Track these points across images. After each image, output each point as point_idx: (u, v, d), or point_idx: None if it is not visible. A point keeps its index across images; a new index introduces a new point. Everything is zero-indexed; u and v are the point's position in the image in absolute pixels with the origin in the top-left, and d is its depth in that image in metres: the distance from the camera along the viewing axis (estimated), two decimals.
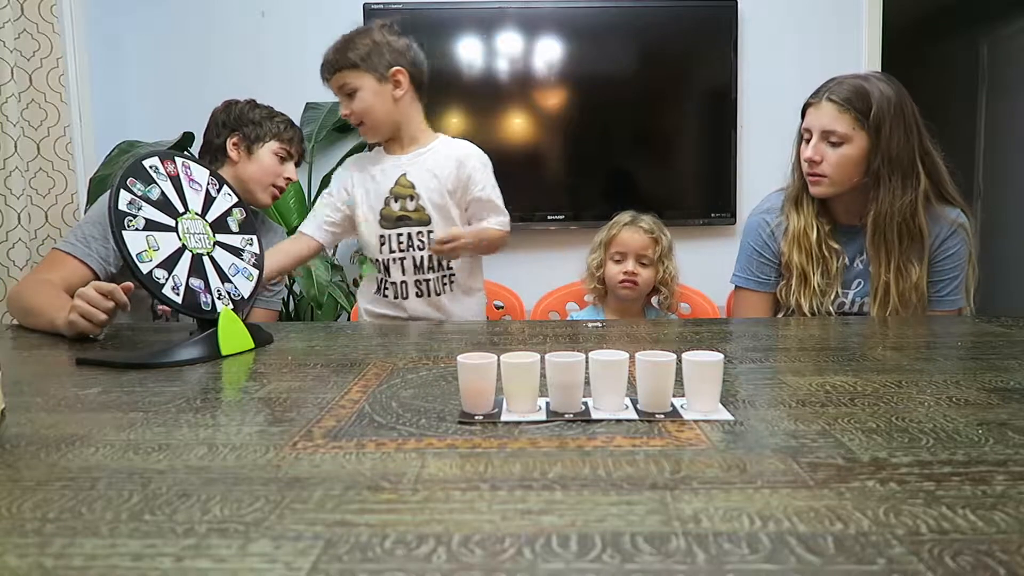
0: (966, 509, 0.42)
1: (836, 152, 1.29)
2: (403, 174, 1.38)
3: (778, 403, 0.66)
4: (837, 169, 1.30)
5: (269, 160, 1.54)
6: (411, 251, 1.37)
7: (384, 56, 1.35)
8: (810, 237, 1.35)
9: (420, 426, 0.61)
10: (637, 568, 0.36)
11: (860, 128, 1.27)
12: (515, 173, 2.62)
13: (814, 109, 1.33)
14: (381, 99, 1.36)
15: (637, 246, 1.61)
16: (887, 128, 1.26)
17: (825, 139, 1.30)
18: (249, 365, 0.90)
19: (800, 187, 1.38)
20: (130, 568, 0.37)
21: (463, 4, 2.54)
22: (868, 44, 2.56)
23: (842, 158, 1.29)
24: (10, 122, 2.00)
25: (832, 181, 1.31)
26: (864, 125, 1.27)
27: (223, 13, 2.59)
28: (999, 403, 0.65)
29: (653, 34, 2.56)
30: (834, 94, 1.29)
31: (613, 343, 1.02)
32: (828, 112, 1.29)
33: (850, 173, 1.30)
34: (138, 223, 0.94)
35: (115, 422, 0.63)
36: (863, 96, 1.27)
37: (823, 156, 1.30)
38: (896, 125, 1.26)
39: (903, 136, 1.27)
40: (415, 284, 1.38)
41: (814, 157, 1.31)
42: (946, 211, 1.33)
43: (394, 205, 1.37)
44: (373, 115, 1.37)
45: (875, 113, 1.26)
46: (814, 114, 1.32)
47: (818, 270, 1.35)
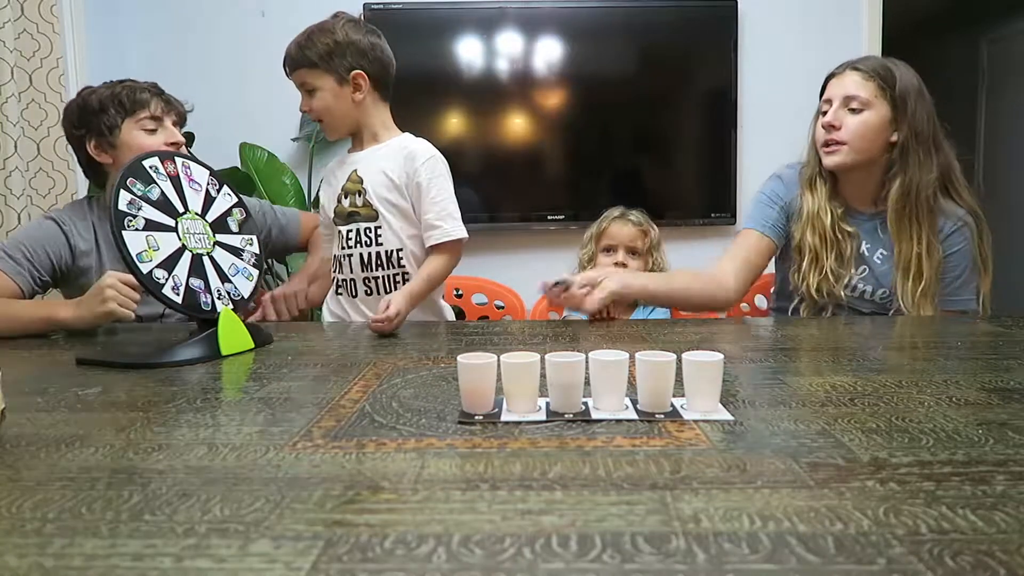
0: (966, 509, 0.42)
1: (856, 118, 1.27)
2: (354, 170, 1.36)
3: (778, 403, 0.66)
4: (856, 136, 1.27)
5: (136, 141, 1.35)
6: (359, 247, 1.34)
7: (345, 57, 1.31)
8: (824, 220, 1.33)
9: (420, 426, 0.61)
10: (637, 568, 0.36)
11: (883, 97, 1.26)
12: (515, 173, 2.63)
13: (837, 79, 1.31)
14: (340, 100, 1.33)
15: (626, 238, 1.67)
16: (912, 102, 1.25)
17: (846, 105, 1.28)
18: (249, 365, 0.90)
19: (815, 167, 1.36)
20: (130, 568, 0.37)
21: (463, 4, 2.54)
22: (868, 44, 2.56)
23: (862, 124, 1.26)
24: (10, 122, 2.00)
25: (851, 148, 1.28)
26: (887, 95, 1.26)
27: (223, 13, 2.59)
28: (999, 403, 0.65)
29: (653, 34, 2.56)
30: (859, 63, 1.30)
31: (613, 343, 1.02)
32: (852, 79, 1.28)
33: (869, 141, 1.27)
34: (138, 223, 0.94)
35: (115, 422, 0.63)
36: (888, 69, 1.27)
37: (842, 122, 1.28)
38: (921, 103, 1.26)
39: (926, 116, 1.27)
40: (363, 282, 1.35)
41: (833, 122, 1.28)
42: (952, 207, 1.31)
43: (345, 201, 1.36)
44: (331, 115, 1.34)
45: (901, 86, 1.25)
46: (836, 83, 1.31)
47: (832, 253, 1.33)
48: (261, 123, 2.58)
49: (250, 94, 2.60)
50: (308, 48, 1.32)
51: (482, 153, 2.60)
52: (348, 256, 1.36)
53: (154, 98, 1.38)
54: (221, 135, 2.47)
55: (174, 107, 1.41)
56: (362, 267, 1.34)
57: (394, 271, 1.35)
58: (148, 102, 1.36)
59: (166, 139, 1.36)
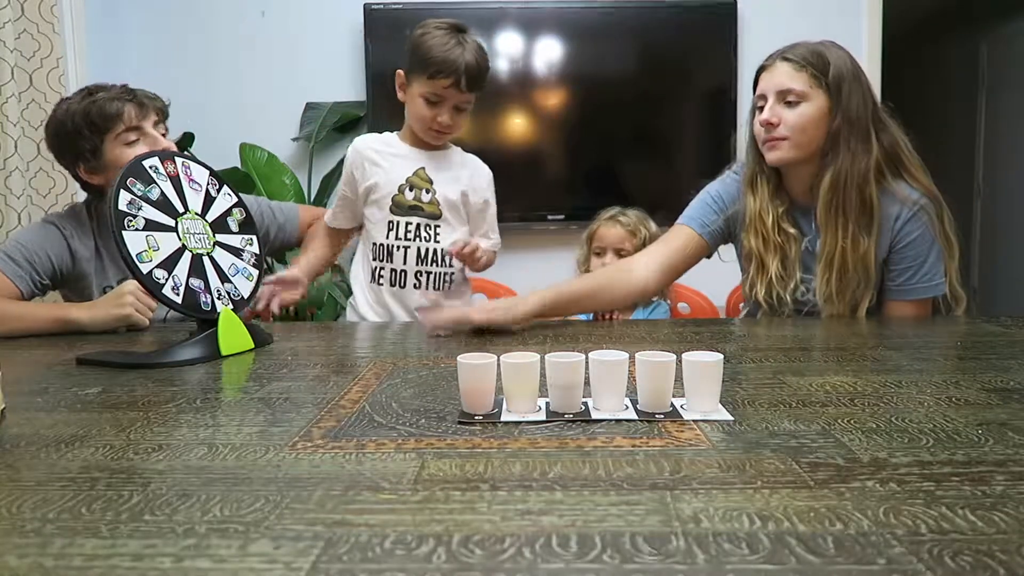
0: (966, 509, 0.42)
1: (794, 112, 1.20)
2: (422, 167, 1.40)
3: (778, 403, 0.66)
4: (796, 130, 1.21)
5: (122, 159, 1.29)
6: (417, 241, 1.39)
7: None
8: (765, 221, 1.27)
9: (420, 426, 0.61)
10: (637, 568, 0.36)
11: (818, 87, 1.20)
12: (515, 173, 2.62)
13: (767, 72, 1.25)
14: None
15: (614, 240, 1.69)
16: (847, 88, 1.19)
17: (781, 100, 1.22)
18: (249, 365, 0.90)
19: (754, 166, 1.30)
20: (130, 568, 0.37)
21: (463, 4, 2.54)
22: (868, 44, 2.56)
23: (801, 117, 1.20)
24: (10, 122, 2.00)
25: (792, 143, 1.21)
26: (822, 83, 1.19)
27: (223, 13, 2.59)
28: (999, 403, 0.65)
29: (653, 34, 2.57)
30: (789, 53, 1.23)
31: (613, 343, 1.02)
32: (784, 71, 1.22)
33: (810, 135, 1.21)
34: (138, 223, 0.94)
35: (115, 422, 0.63)
36: (820, 55, 1.20)
37: (780, 118, 1.21)
38: (855, 87, 1.20)
39: (861, 100, 1.20)
40: (415, 275, 1.39)
41: (771, 119, 1.22)
42: (906, 191, 1.22)
43: (408, 194, 1.39)
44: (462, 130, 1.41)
45: (834, 73, 1.19)
46: (768, 77, 1.24)
47: (775, 257, 1.26)
48: (261, 123, 2.59)
49: (250, 94, 2.60)
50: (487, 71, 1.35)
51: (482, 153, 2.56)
52: (404, 248, 1.39)
53: (126, 105, 1.31)
54: (221, 135, 2.47)
55: (150, 107, 1.33)
56: (417, 260, 1.39)
57: (446, 269, 1.41)
58: (121, 113, 1.30)
59: (149, 147, 1.30)
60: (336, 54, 2.59)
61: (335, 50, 2.58)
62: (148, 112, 1.33)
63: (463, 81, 1.29)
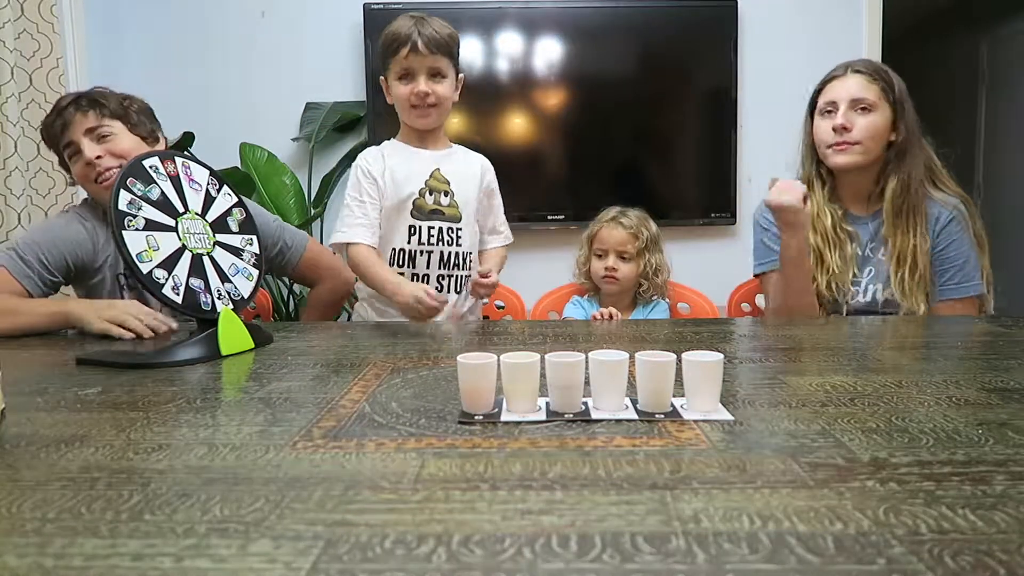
0: (966, 509, 0.42)
1: (866, 119, 1.33)
2: (437, 168, 1.40)
3: (778, 403, 0.66)
4: (868, 136, 1.33)
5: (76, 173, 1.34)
6: (440, 245, 1.39)
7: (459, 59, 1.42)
8: (824, 222, 1.38)
9: (420, 426, 0.61)
10: (637, 568, 0.36)
11: (885, 100, 1.33)
12: (515, 173, 2.62)
13: (839, 81, 1.37)
14: (452, 93, 1.40)
15: (615, 242, 1.67)
16: (907, 103, 1.34)
17: (854, 108, 1.34)
18: (249, 365, 0.90)
19: (812, 171, 1.41)
20: (130, 568, 0.37)
21: (463, 4, 2.54)
22: (868, 44, 2.56)
23: (871, 125, 1.33)
24: (10, 122, 2.00)
25: (864, 148, 1.34)
26: (888, 97, 1.33)
27: (223, 13, 2.59)
28: (999, 403, 0.65)
29: (653, 34, 2.56)
30: (860, 66, 1.36)
31: (613, 343, 1.02)
32: (857, 82, 1.34)
33: (877, 142, 1.34)
34: (138, 223, 0.94)
35: (115, 422, 0.63)
36: (886, 72, 1.35)
37: (853, 123, 1.33)
38: (910, 104, 1.34)
39: (914, 114, 1.35)
40: (438, 279, 1.38)
41: (846, 124, 1.33)
42: (944, 197, 1.36)
43: (428, 198, 1.38)
44: (446, 104, 1.39)
45: (899, 89, 1.34)
46: (840, 85, 1.36)
47: (835, 252, 1.37)
48: (261, 123, 2.59)
49: (250, 94, 2.60)
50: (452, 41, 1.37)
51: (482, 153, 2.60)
52: (427, 252, 1.39)
53: (56, 120, 1.30)
54: (221, 135, 2.47)
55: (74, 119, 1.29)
56: (440, 264, 1.39)
57: (466, 272, 1.42)
58: (56, 128, 1.30)
59: (83, 162, 1.30)
60: (336, 54, 2.58)
61: (335, 50, 2.58)
62: (71, 124, 1.30)
63: (419, 43, 1.30)
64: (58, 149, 1.34)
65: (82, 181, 1.34)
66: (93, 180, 1.32)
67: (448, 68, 1.36)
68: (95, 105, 1.31)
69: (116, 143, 1.31)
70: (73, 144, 1.31)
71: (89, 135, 1.30)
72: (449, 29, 1.36)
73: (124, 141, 1.33)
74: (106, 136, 1.31)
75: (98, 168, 1.30)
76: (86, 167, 1.31)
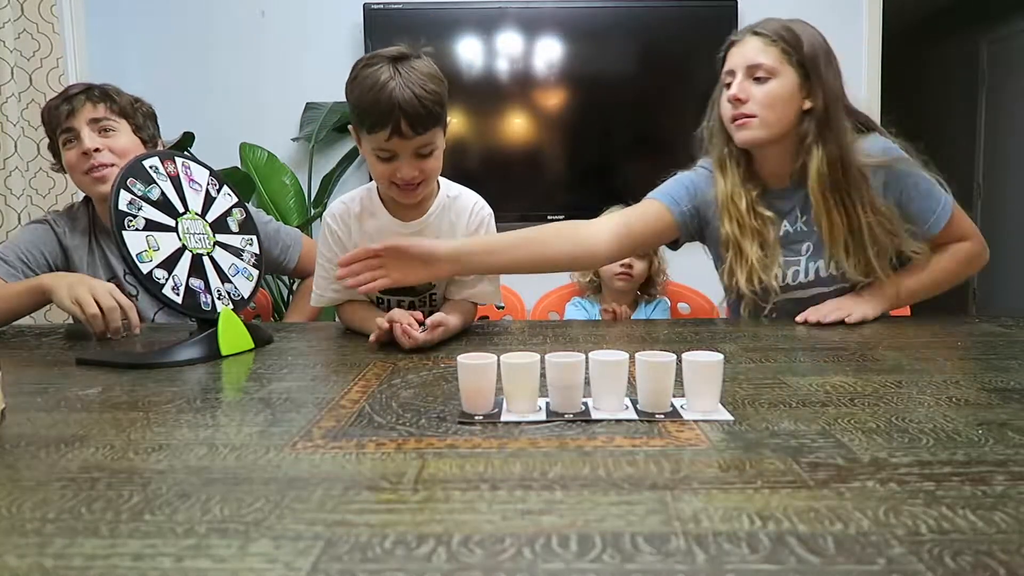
0: (966, 509, 0.42)
1: (763, 89, 1.15)
2: None
3: (778, 403, 0.66)
4: (766, 108, 1.15)
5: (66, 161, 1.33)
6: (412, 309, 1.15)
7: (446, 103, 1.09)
8: (739, 205, 1.20)
9: (420, 426, 0.61)
10: (637, 568, 0.36)
11: (788, 63, 1.14)
12: (515, 173, 2.63)
13: (737, 47, 1.19)
14: (442, 155, 1.10)
15: None
16: (823, 66, 1.14)
17: (750, 76, 1.16)
18: (249, 365, 0.90)
19: (723, 149, 1.23)
20: (130, 568, 0.37)
21: (463, 4, 2.54)
22: (868, 44, 2.56)
23: (769, 95, 1.14)
24: (10, 122, 2.00)
25: (762, 121, 1.15)
26: (792, 60, 1.14)
27: (223, 13, 2.59)
28: (999, 403, 0.65)
29: (653, 34, 2.56)
30: (760, 27, 1.17)
31: (613, 343, 1.02)
32: (753, 46, 1.16)
33: (779, 113, 1.15)
34: (138, 223, 0.94)
35: (115, 422, 0.63)
36: (791, 31, 1.15)
37: (748, 94, 1.15)
38: (830, 66, 1.16)
39: (835, 73, 1.16)
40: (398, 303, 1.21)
41: (739, 95, 1.15)
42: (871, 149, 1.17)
43: None
44: (435, 176, 1.12)
45: (808, 50, 1.14)
46: (737, 52, 1.19)
47: (754, 243, 1.19)
48: (261, 123, 2.59)
49: (250, 94, 2.60)
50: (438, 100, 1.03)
51: (482, 153, 2.61)
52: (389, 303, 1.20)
53: (60, 104, 1.29)
54: (221, 135, 2.47)
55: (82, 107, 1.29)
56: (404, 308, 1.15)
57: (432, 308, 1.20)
58: (58, 114, 1.29)
59: (79, 150, 1.29)
60: (336, 54, 2.58)
61: (335, 50, 2.58)
62: (78, 111, 1.29)
63: (402, 126, 1.00)
64: (54, 133, 1.33)
65: (72, 170, 1.32)
66: (84, 171, 1.30)
67: (438, 135, 1.06)
68: (107, 98, 1.32)
69: (116, 140, 1.31)
70: (73, 130, 1.30)
71: (92, 125, 1.30)
72: (434, 83, 1.02)
73: (125, 140, 1.32)
74: (109, 130, 1.31)
75: (93, 160, 1.29)
76: (82, 156, 1.29)
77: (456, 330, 1.06)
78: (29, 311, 1.21)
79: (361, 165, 2.63)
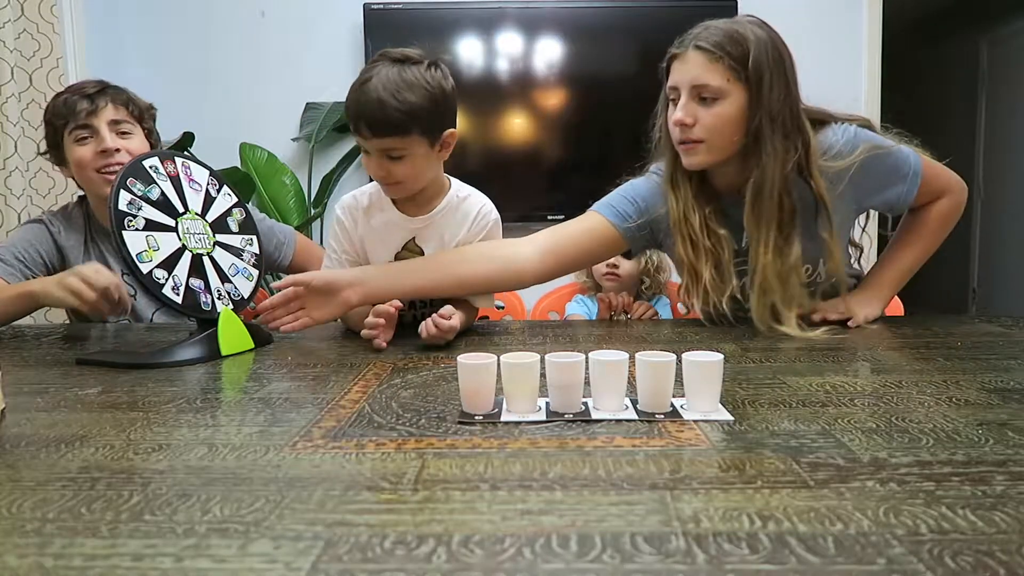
0: (966, 509, 0.42)
1: (710, 112, 1.04)
2: (413, 238, 1.20)
3: (778, 403, 0.66)
4: (714, 132, 1.05)
5: (74, 155, 1.31)
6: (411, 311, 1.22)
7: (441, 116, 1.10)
8: (692, 223, 1.11)
9: (420, 426, 0.61)
10: (637, 568, 0.36)
11: (736, 79, 1.03)
12: (515, 173, 2.63)
13: (679, 62, 1.08)
14: (427, 162, 1.11)
15: None
16: (768, 78, 1.03)
17: (695, 96, 1.05)
18: (249, 365, 0.90)
19: (673, 163, 1.14)
20: (130, 568, 0.37)
21: (463, 4, 2.54)
22: (868, 44, 2.56)
23: (718, 118, 1.04)
24: (10, 122, 2.00)
25: (710, 146, 1.07)
26: (740, 76, 1.03)
27: (223, 13, 2.59)
28: (999, 403, 0.65)
29: (653, 34, 2.55)
30: (702, 40, 1.05)
31: (613, 343, 1.02)
32: (697, 63, 1.04)
33: (729, 135, 1.06)
34: (138, 223, 0.94)
35: (115, 422, 0.63)
36: (737, 41, 1.03)
37: (695, 117, 1.05)
38: (777, 74, 1.04)
39: (783, 87, 1.05)
40: None
41: (684, 119, 1.06)
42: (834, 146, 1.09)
43: None
44: (415, 180, 1.12)
45: (754, 61, 1.02)
46: (680, 68, 1.07)
47: (708, 263, 1.11)
48: (261, 123, 2.59)
49: (250, 94, 2.60)
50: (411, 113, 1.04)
51: (482, 153, 2.61)
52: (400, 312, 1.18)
53: (80, 101, 1.29)
54: (221, 135, 2.47)
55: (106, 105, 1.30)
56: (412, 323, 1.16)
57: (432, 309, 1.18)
58: (74, 109, 1.29)
59: (96, 148, 1.29)
60: (336, 54, 2.58)
61: (335, 50, 2.58)
62: (100, 110, 1.30)
63: (362, 127, 1.04)
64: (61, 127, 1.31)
65: (82, 166, 1.31)
66: (97, 168, 1.30)
67: (408, 144, 1.06)
68: (129, 103, 1.34)
69: (131, 142, 1.33)
70: (91, 128, 1.30)
71: (112, 126, 1.31)
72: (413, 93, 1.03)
73: (138, 143, 1.34)
74: (126, 134, 1.33)
75: (111, 160, 1.30)
76: (99, 154, 1.29)
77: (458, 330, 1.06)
78: (18, 316, 1.20)
79: (361, 165, 2.63)
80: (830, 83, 2.59)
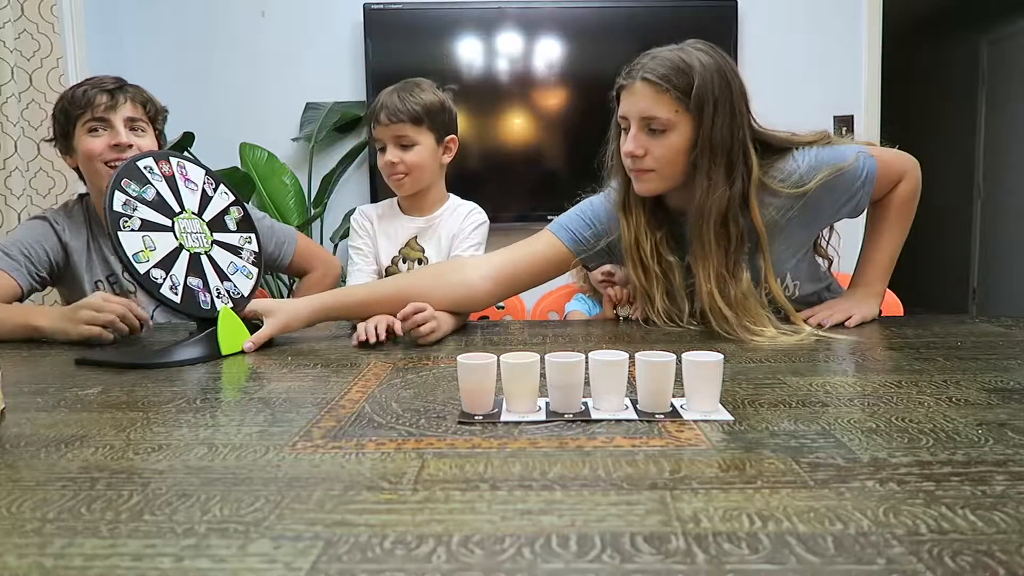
0: (966, 509, 0.42)
1: (660, 143, 1.07)
2: (414, 237, 1.40)
3: (778, 403, 0.66)
4: (664, 162, 1.08)
5: (83, 146, 1.31)
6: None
7: (446, 120, 1.37)
8: (644, 248, 1.14)
9: (420, 426, 0.61)
10: (637, 568, 0.36)
11: (684, 110, 1.05)
12: (515, 173, 2.63)
13: (628, 93, 1.11)
14: (433, 159, 1.36)
15: None
16: (710, 107, 1.04)
17: (645, 128, 1.08)
18: (249, 365, 0.90)
19: (626, 189, 1.16)
20: (130, 568, 0.37)
21: (463, 4, 2.54)
22: (868, 44, 2.56)
23: (668, 149, 1.07)
24: (10, 122, 2.00)
25: (661, 175, 1.09)
26: (687, 107, 1.04)
27: (223, 13, 2.59)
28: (999, 403, 0.65)
29: (653, 34, 2.55)
30: (649, 72, 1.06)
31: (613, 343, 1.02)
32: (645, 95, 1.07)
33: (680, 164, 1.08)
34: (134, 224, 0.94)
35: (115, 422, 0.63)
36: (682, 72, 1.04)
37: (646, 148, 1.08)
38: (722, 103, 1.04)
39: (728, 116, 1.05)
40: None
41: (635, 151, 1.08)
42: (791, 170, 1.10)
43: (402, 266, 1.38)
44: (417, 173, 1.35)
45: (696, 91, 1.03)
46: (629, 99, 1.10)
47: (659, 289, 1.14)
48: (261, 123, 2.59)
49: (250, 94, 2.60)
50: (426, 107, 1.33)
51: (482, 153, 2.61)
52: None
53: (99, 95, 1.30)
54: (221, 135, 2.47)
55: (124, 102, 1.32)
56: None
57: None
58: (90, 101, 1.29)
59: (109, 141, 1.29)
60: (336, 54, 2.59)
61: (335, 50, 2.58)
62: (119, 105, 1.31)
63: (382, 114, 1.31)
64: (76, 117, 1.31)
65: (91, 157, 1.30)
66: (106, 161, 1.31)
67: (419, 134, 1.32)
68: (147, 102, 1.35)
69: (143, 142, 1.33)
70: (106, 121, 1.30)
71: (128, 123, 1.32)
72: (428, 97, 1.33)
73: (149, 142, 1.35)
74: (140, 132, 1.34)
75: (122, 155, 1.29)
76: (111, 147, 1.29)
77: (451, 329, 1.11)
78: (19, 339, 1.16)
79: (361, 165, 2.63)
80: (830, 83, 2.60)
